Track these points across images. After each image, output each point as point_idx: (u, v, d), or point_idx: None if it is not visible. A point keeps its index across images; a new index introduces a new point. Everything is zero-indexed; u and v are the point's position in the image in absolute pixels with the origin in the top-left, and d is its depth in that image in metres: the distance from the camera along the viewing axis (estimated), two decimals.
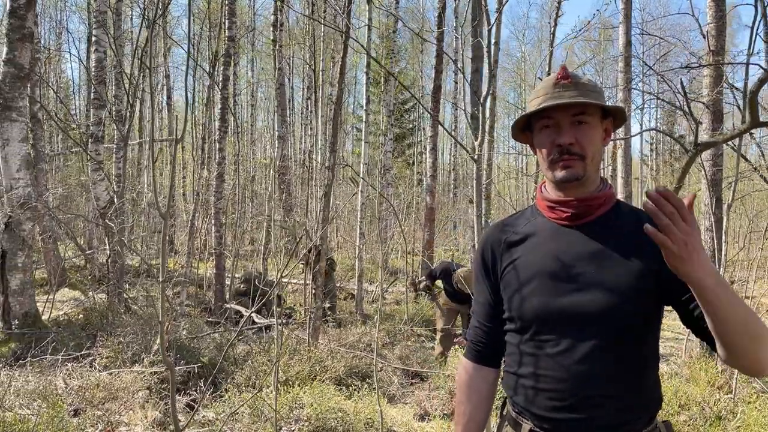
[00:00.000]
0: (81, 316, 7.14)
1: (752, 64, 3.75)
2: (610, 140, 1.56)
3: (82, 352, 5.21)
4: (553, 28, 6.77)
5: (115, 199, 7.66)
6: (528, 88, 34.85)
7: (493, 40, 4.70)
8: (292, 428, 4.11)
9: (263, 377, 4.98)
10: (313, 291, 6.12)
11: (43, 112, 9.61)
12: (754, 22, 4.30)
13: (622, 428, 1.39)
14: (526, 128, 1.56)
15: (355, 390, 4.94)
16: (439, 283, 6.97)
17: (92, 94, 8.08)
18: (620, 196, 7.07)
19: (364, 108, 10.98)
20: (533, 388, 1.45)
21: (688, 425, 4.04)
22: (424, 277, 7.24)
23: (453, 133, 24.56)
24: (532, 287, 1.46)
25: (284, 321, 7.35)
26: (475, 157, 4.14)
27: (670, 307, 1.43)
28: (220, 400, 4.60)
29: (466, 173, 26.12)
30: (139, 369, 4.92)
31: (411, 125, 28.15)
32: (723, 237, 5.10)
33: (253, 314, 7.40)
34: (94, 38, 8.03)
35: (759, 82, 2.12)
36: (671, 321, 5.20)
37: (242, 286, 8.34)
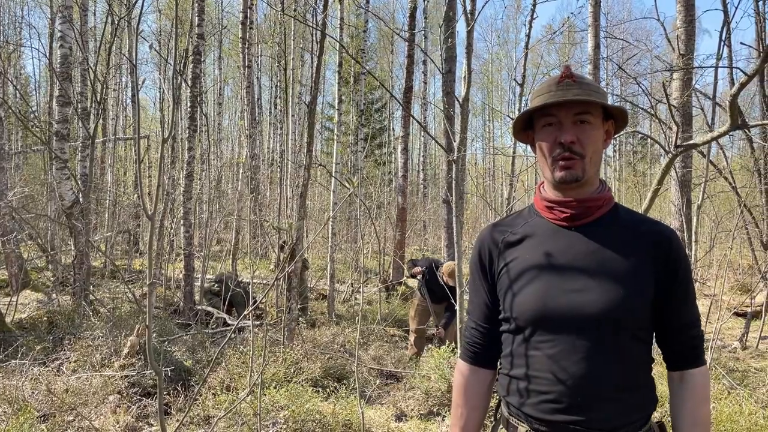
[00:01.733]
0: (45, 318, 6.94)
1: (722, 67, 3.83)
2: (611, 142, 1.56)
3: (51, 357, 5.07)
4: (528, 30, 6.84)
5: (81, 199, 7.47)
6: (495, 90, 35.24)
7: (466, 42, 4.73)
8: (269, 431, 4.06)
9: (238, 380, 4.91)
10: (286, 292, 6.06)
11: (4, 109, 9.30)
12: (723, 27, 4.41)
13: (620, 431, 1.38)
14: (527, 127, 1.54)
15: (332, 391, 4.91)
16: (412, 281, 6.96)
17: (57, 91, 7.83)
18: None
19: (336, 108, 10.92)
20: (529, 390, 1.43)
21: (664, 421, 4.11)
22: (411, 266, 7.15)
23: (424, 133, 24.65)
24: (529, 287, 1.44)
25: (258, 323, 7.27)
26: (454, 158, 4.15)
27: None
28: (194, 404, 4.51)
29: (435, 173, 26.23)
30: (109, 373, 4.80)
31: (380, 125, 28.14)
32: (693, 237, 5.23)
33: (226, 316, 7.31)
34: (59, 34, 7.77)
35: (740, 85, 2.17)
36: None
37: (215, 286, 8.20)
